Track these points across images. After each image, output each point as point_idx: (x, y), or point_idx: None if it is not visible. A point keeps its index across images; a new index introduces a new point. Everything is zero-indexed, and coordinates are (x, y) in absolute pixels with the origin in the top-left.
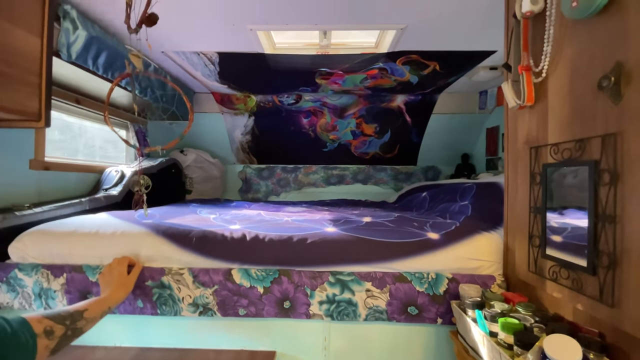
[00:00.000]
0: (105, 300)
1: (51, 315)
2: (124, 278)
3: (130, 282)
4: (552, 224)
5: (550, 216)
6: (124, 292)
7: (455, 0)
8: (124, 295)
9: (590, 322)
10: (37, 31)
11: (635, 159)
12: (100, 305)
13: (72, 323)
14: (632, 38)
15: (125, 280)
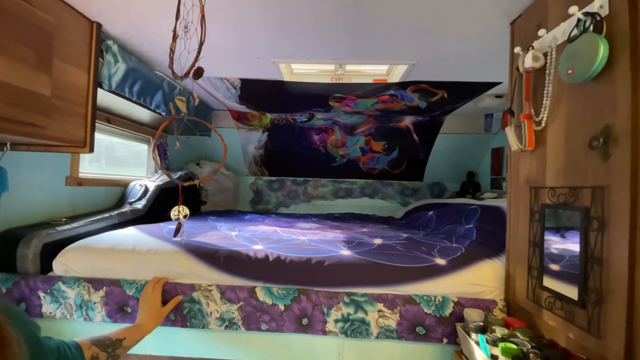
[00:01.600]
0: (140, 330)
1: (97, 342)
2: (157, 309)
3: (163, 313)
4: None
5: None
6: (155, 323)
7: (463, 41)
8: (155, 325)
9: (580, 349)
10: (84, 66)
11: (620, 211)
12: (136, 335)
13: (113, 350)
14: (619, 106)
15: (158, 312)
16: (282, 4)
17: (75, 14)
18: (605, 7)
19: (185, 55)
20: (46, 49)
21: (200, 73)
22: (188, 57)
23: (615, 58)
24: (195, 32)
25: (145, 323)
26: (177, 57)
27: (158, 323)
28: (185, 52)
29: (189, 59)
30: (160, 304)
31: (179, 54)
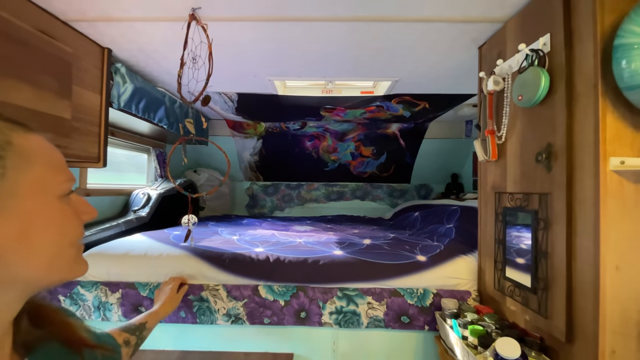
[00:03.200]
0: (158, 315)
1: (126, 328)
2: (173, 295)
3: (178, 299)
4: (512, 245)
5: (510, 240)
6: (171, 307)
7: (438, 61)
8: (171, 309)
9: (534, 329)
10: (97, 89)
11: (559, 213)
12: (155, 319)
13: (140, 333)
14: (557, 127)
15: (173, 297)
16: (277, 36)
17: (90, 43)
18: (547, 45)
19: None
20: (66, 77)
21: (207, 100)
22: (196, 85)
23: (554, 88)
24: (203, 65)
25: (162, 308)
26: (186, 83)
27: (173, 308)
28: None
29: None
30: (175, 291)
31: (187, 81)
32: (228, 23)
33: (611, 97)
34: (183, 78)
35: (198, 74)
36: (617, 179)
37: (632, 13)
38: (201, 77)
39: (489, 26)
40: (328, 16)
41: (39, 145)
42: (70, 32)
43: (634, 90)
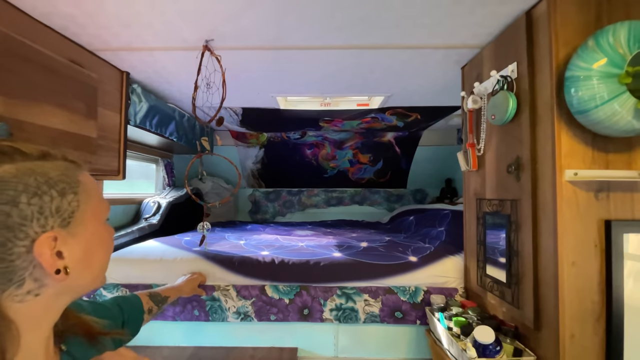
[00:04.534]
0: (179, 292)
1: (152, 297)
2: (195, 283)
3: (195, 289)
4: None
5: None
6: (190, 292)
7: (426, 79)
8: (188, 293)
9: (510, 319)
10: (117, 109)
11: (526, 217)
12: (176, 295)
13: (162, 305)
14: (524, 143)
15: (195, 285)
16: (280, 61)
17: (111, 68)
18: (515, 72)
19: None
20: (93, 100)
21: (221, 121)
22: (208, 105)
23: (521, 109)
24: (217, 91)
25: (184, 286)
26: (200, 104)
27: (190, 293)
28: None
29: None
30: (197, 282)
31: (202, 103)
32: (237, 51)
33: (565, 119)
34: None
35: (212, 97)
36: (572, 188)
37: (579, 50)
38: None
39: (469, 51)
40: (326, 45)
41: (91, 181)
42: (95, 59)
43: (582, 114)
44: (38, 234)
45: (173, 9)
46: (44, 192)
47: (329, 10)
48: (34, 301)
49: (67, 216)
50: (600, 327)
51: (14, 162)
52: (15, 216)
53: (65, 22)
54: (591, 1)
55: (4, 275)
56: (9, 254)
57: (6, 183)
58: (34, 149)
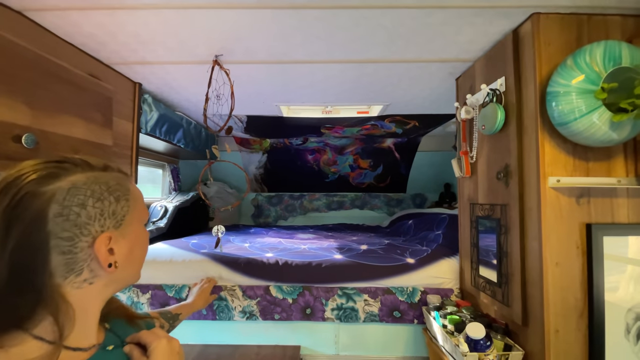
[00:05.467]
0: (192, 307)
1: (163, 315)
2: (207, 293)
3: (209, 299)
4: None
5: (482, 243)
6: (202, 304)
7: (423, 89)
8: (202, 306)
9: (501, 317)
10: (130, 118)
11: (514, 220)
12: (188, 311)
13: (173, 322)
14: (512, 152)
15: (207, 296)
16: (285, 73)
17: (125, 79)
18: (503, 85)
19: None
20: (108, 110)
21: (230, 130)
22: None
23: (509, 120)
24: (226, 102)
25: (196, 302)
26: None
27: (204, 305)
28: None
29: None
30: (209, 292)
31: (212, 113)
32: (244, 65)
33: (548, 130)
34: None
35: (221, 108)
36: (555, 194)
37: (559, 68)
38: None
39: (462, 64)
40: (328, 59)
41: (137, 190)
42: (111, 72)
43: (563, 126)
44: (98, 232)
45: (187, 28)
46: (105, 197)
47: (331, 29)
48: (88, 288)
49: (119, 219)
50: (582, 323)
51: (84, 171)
52: (83, 216)
53: (86, 40)
54: (573, 22)
55: (68, 264)
56: (75, 247)
57: (78, 189)
58: (98, 162)
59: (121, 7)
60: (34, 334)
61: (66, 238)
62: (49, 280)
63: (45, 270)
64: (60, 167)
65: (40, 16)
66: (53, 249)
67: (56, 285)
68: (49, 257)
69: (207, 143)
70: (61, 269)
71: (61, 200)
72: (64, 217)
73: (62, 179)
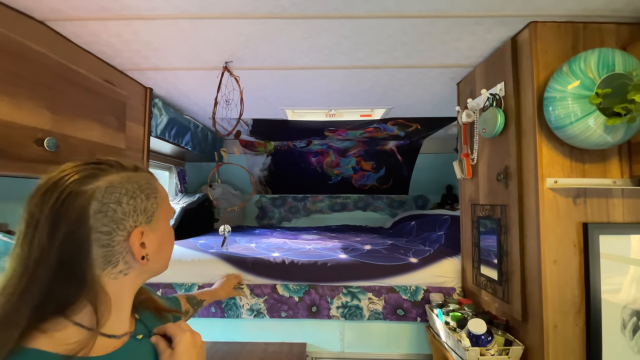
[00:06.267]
0: (215, 295)
1: (189, 299)
2: (230, 285)
3: (231, 285)
4: (484, 247)
5: (483, 243)
6: (224, 295)
7: (425, 93)
8: (223, 296)
9: (501, 313)
10: (141, 122)
11: (514, 221)
12: (211, 298)
13: (197, 308)
14: (511, 154)
15: (230, 287)
16: (291, 79)
17: (137, 85)
18: (502, 90)
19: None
20: (122, 115)
21: (239, 134)
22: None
23: (508, 124)
24: (236, 107)
25: (219, 290)
26: (219, 119)
27: (225, 296)
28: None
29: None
30: (233, 285)
31: (221, 118)
32: (252, 71)
33: (546, 133)
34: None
35: (230, 112)
36: (552, 194)
37: (555, 74)
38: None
39: (462, 69)
40: (332, 66)
41: (164, 189)
42: (124, 78)
43: (559, 129)
44: (132, 227)
45: (199, 37)
46: (137, 195)
47: (337, 38)
48: (123, 279)
49: (150, 215)
50: (580, 319)
51: (118, 172)
52: (119, 212)
53: (103, 48)
54: (569, 30)
55: (106, 257)
56: (112, 240)
57: (114, 187)
58: (129, 163)
59: (138, 17)
60: (75, 320)
61: (105, 232)
62: (90, 271)
63: (87, 261)
64: (98, 168)
65: (62, 26)
66: (94, 242)
67: (96, 276)
68: (91, 250)
69: (214, 146)
70: (100, 261)
71: (100, 198)
72: (103, 213)
73: (100, 179)
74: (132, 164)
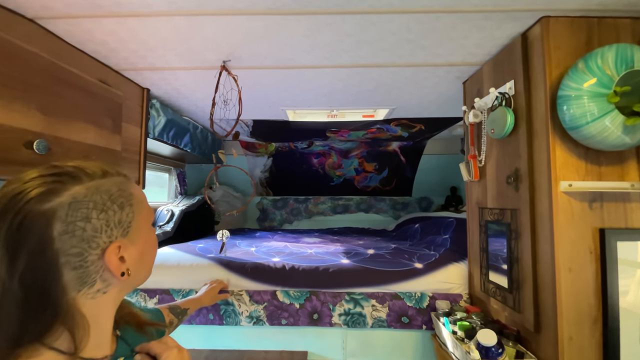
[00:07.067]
0: (199, 302)
1: (172, 310)
2: (215, 291)
3: (216, 297)
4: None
5: (492, 248)
6: (209, 301)
7: (429, 92)
8: (209, 303)
9: (512, 323)
10: (138, 123)
11: (525, 226)
12: (196, 306)
13: (182, 317)
14: (522, 155)
15: (215, 294)
16: (291, 78)
17: (134, 85)
18: (512, 89)
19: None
20: (118, 116)
21: (237, 136)
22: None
23: (518, 124)
24: (234, 107)
25: (204, 297)
26: (218, 120)
27: (210, 303)
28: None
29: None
30: (217, 290)
31: (219, 118)
32: (251, 70)
33: (559, 134)
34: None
35: (229, 113)
36: (567, 198)
37: (570, 71)
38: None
39: (469, 68)
40: (334, 64)
41: (140, 192)
42: (120, 78)
43: (574, 130)
44: (106, 243)
45: (196, 35)
46: (109, 207)
47: (339, 35)
48: (102, 297)
49: (126, 226)
50: (597, 330)
51: (82, 182)
52: (89, 230)
53: (98, 47)
54: (582, 25)
55: (80, 278)
56: (85, 261)
57: (80, 202)
58: (96, 168)
59: (132, 14)
60: (52, 346)
61: (75, 254)
62: (63, 297)
63: (59, 287)
64: (58, 181)
65: (53, 24)
66: (64, 266)
67: (71, 300)
68: (61, 275)
69: (214, 147)
70: (74, 283)
71: (64, 217)
72: (69, 234)
73: (62, 193)
74: (98, 168)
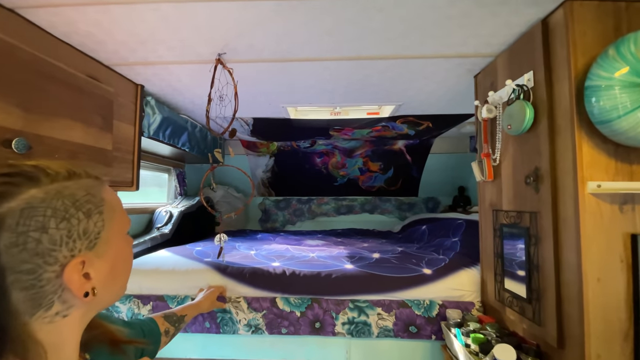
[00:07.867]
0: (198, 308)
1: (168, 318)
2: (213, 297)
3: (214, 304)
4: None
5: (508, 254)
6: (208, 307)
7: (438, 88)
8: (207, 309)
9: (531, 336)
10: (132, 121)
11: (547, 230)
12: (194, 312)
13: (179, 325)
14: (543, 153)
15: (213, 299)
16: (291, 72)
17: (127, 81)
18: (531, 81)
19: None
20: (109, 113)
21: (234, 133)
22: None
23: (538, 119)
24: (230, 103)
25: (202, 303)
26: (214, 117)
27: (209, 309)
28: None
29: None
30: (215, 295)
31: (215, 115)
32: (249, 63)
33: (586, 129)
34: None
35: (225, 110)
36: (595, 200)
37: (599, 59)
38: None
39: (482, 59)
40: (337, 56)
41: (113, 196)
42: (111, 73)
43: (604, 124)
44: (67, 258)
45: (187, 25)
46: (72, 215)
47: (341, 24)
48: (62, 322)
49: (93, 238)
50: (628, 347)
51: (40, 185)
52: (45, 242)
53: (84, 40)
54: (609, 10)
55: (34, 300)
56: (39, 279)
57: (35, 209)
58: (60, 168)
59: (115, 2)
60: None
61: (27, 271)
62: (12, 322)
63: (5, 311)
64: (9, 182)
65: (34, 14)
66: (12, 286)
67: (22, 325)
68: (8, 296)
69: (214, 147)
70: (26, 306)
71: (14, 226)
72: (19, 246)
73: (13, 198)
74: (64, 168)
